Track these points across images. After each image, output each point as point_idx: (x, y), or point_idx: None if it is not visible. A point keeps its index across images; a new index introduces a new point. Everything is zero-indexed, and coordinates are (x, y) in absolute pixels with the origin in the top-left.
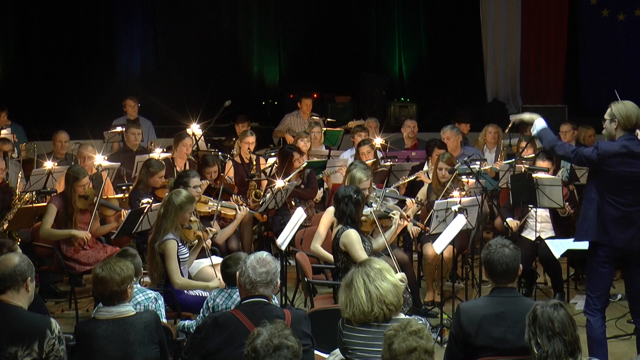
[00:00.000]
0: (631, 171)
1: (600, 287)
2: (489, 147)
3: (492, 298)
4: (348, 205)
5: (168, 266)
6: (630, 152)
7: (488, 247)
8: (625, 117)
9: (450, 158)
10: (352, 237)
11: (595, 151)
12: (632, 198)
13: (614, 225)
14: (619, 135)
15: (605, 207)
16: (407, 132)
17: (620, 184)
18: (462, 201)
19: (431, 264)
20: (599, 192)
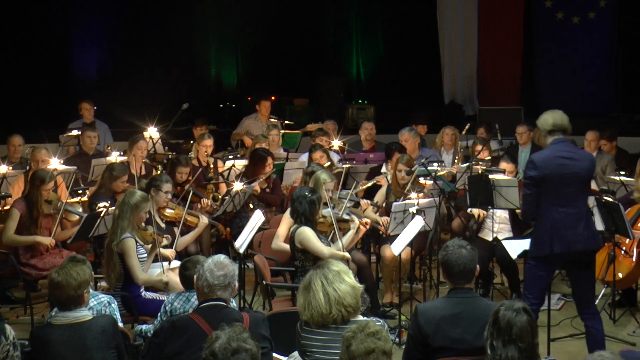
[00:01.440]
0: (569, 172)
1: (541, 289)
2: (446, 149)
3: (450, 299)
4: (302, 205)
5: (129, 263)
6: (561, 155)
7: (445, 248)
8: (543, 122)
9: (410, 160)
10: (307, 233)
11: (532, 165)
12: (573, 198)
13: (566, 230)
14: (548, 140)
15: (553, 215)
16: (365, 135)
17: (562, 187)
18: (420, 203)
19: (389, 265)
20: (545, 202)
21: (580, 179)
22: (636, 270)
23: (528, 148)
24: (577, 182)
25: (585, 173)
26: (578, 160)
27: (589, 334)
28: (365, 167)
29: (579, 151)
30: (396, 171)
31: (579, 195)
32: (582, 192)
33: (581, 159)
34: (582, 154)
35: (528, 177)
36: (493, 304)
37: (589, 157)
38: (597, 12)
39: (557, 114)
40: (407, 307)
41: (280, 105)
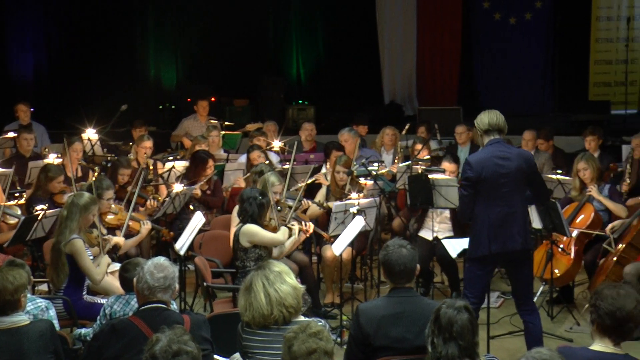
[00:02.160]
0: (504, 172)
1: (480, 288)
2: (386, 149)
3: (391, 298)
4: (252, 206)
5: (84, 265)
6: (498, 155)
7: (386, 247)
8: (480, 122)
9: (347, 161)
10: (254, 228)
11: (468, 167)
12: (509, 198)
13: (502, 229)
14: (485, 140)
15: (490, 215)
16: (305, 135)
17: (498, 187)
18: (360, 203)
19: (330, 265)
20: (481, 203)
21: (515, 178)
22: (573, 267)
23: (467, 148)
24: (513, 182)
25: (519, 171)
26: (513, 160)
27: (528, 330)
28: (306, 168)
29: (515, 150)
30: (335, 172)
31: (515, 195)
32: (518, 191)
33: (516, 158)
34: (517, 153)
35: (465, 178)
36: (433, 302)
37: (524, 155)
38: (534, 13)
39: (492, 113)
40: (349, 307)
41: (220, 106)
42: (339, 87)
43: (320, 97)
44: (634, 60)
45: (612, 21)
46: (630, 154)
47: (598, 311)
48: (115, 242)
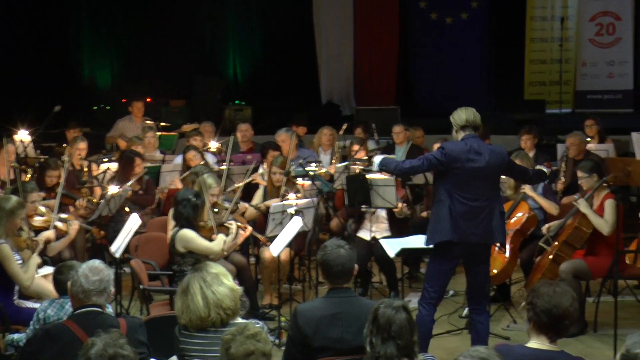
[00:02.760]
0: (476, 167)
1: (440, 283)
2: (324, 149)
3: (329, 299)
4: (186, 208)
5: (10, 271)
6: (472, 148)
7: (324, 248)
8: (457, 117)
9: (284, 161)
10: (190, 234)
11: (442, 151)
12: (478, 192)
13: (465, 222)
14: (460, 136)
15: (455, 205)
16: (241, 136)
17: (468, 179)
18: (298, 203)
19: (268, 266)
20: (448, 192)
21: (487, 173)
22: (509, 265)
23: (404, 147)
24: (484, 176)
25: (492, 167)
26: (486, 155)
27: (476, 329)
28: (243, 169)
29: (488, 147)
30: (271, 173)
31: (486, 189)
32: (488, 187)
33: (488, 154)
34: (490, 149)
35: (434, 156)
36: (372, 302)
37: (497, 150)
38: (470, 12)
39: (470, 110)
40: (287, 308)
41: (155, 106)
42: (276, 87)
43: (258, 97)
44: (568, 59)
45: (547, 21)
46: (565, 152)
47: (535, 309)
48: (45, 237)
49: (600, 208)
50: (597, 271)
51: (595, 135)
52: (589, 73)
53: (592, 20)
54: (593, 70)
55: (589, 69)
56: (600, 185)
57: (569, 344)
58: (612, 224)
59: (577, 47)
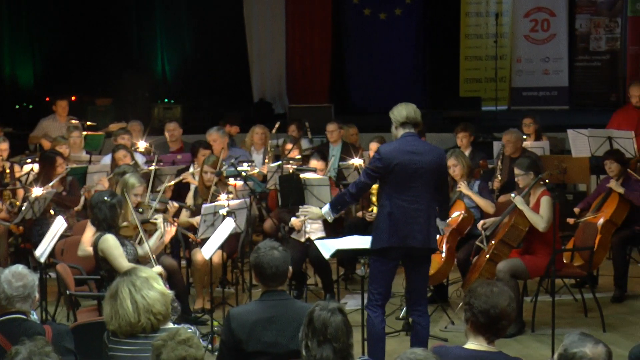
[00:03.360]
0: (415, 167)
1: (384, 284)
2: (256, 149)
3: (263, 302)
4: (102, 211)
5: None
6: (409, 149)
7: (257, 250)
8: (397, 114)
9: (215, 161)
10: (110, 243)
11: (377, 156)
12: (418, 194)
13: (405, 225)
14: (399, 133)
15: (395, 209)
16: (169, 135)
17: (406, 181)
18: (230, 204)
19: (200, 269)
20: (389, 195)
21: (426, 174)
22: (446, 265)
23: (339, 146)
24: (423, 177)
25: (431, 168)
26: (425, 155)
27: (416, 331)
28: (173, 169)
29: (428, 146)
30: (203, 172)
31: (423, 191)
32: (427, 188)
33: (429, 154)
34: (430, 149)
35: (372, 167)
36: (307, 305)
37: (437, 151)
38: (404, 8)
39: (410, 107)
40: (220, 313)
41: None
42: (206, 85)
43: (187, 95)
44: (502, 56)
45: (481, 17)
46: (501, 150)
47: (472, 309)
48: None
49: (537, 206)
50: (535, 270)
51: (532, 133)
52: (524, 70)
53: (527, 16)
54: (528, 66)
55: (524, 66)
56: (537, 183)
57: (507, 344)
58: (547, 219)
59: (512, 44)
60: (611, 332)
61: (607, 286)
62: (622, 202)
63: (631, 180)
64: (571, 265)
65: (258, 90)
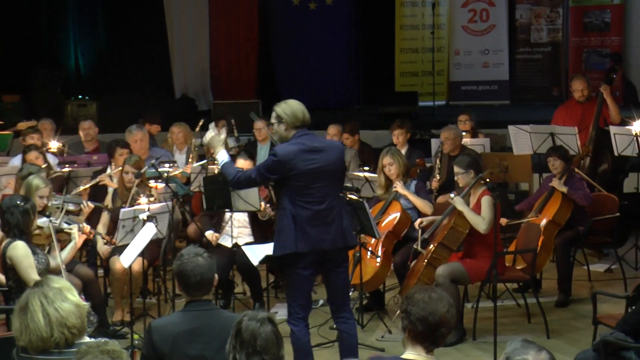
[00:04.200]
0: (314, 167)
1: (302, 295)
2: (178, 148)
3: (187, 313)
4: (14, 215)
5: None
6: (308, 148)
7: (180, 257)
8: (291, 115)
9: (138, 161)
10: (19, 252)
11: (274, 158)
12: (322, 194)
13: (313, 228)
14: (291, 134)
15: (299, 212)
16: (84, 134)
17: (307, 182)
18: (150, 208)
19: (119, 279)
20: (290, 199)
21: (329, 172)
22: (382, 271)
23: (268, 145)
24: (327, 176)
25: (334, 165)
26: (325, 152)
27: (343, 340)
28: (89, 171)
29: (326, 142)
30: (123, 173)
31: (329, 190)
32: (334, 187)
33: (328, 150)
34: (328, 145)
35: (267, 167)
36: (234, 315)
37: (337, 146)
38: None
39: (299, 105)
40: (140, 325)
41: None
42: (124, 80)
43: (103, 91)
44: (440, 48)
45: (417, 7)
46: (440, 148)
47: (409, 317)
48: None
49: (477, 206)
50: (475, 274)
51: (468, 131)
52: (462, 62)
53: (465, 6)
54: (467, 59)
55: (462, 58)
56: (477, 183)
57: (447, 353)
58: (489, 221)
59: (450, 35)
60: (555, 339)
61: (550, 290)
62: (566, 201)
63: (574, 178)
64: (513, 269)
65: (180, 86)
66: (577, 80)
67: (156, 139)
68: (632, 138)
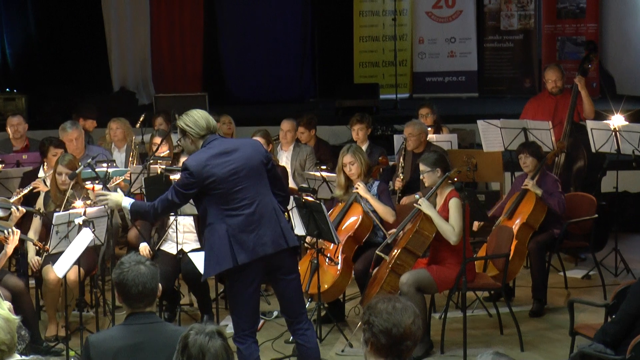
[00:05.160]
0: (232, 169)
1: (248, 309)
2: (117, 146)
3: (128, 326)
4: None
5: None
6: (219, 151)
7: (120, 265)
8: (194, 125)
9: (72, 160)
10: None
11: (187, 172)
12: (249, 196)
13: (248, 235)
14: (200, 144)
15: (229, 222)
16: (12, 132)
17: (229, 187)
18: (87, 212)
19: (53, 290)
20: (216, 210)
21: (249, 171)
22: (342, 279)
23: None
24: (247, 176)
25: (251, 162)
26: (239, 151)
27: (302, 354)
28: (18, 171)
29: (237, 141)
30: (56, 174)
31: (254, 190)
32: (258, 185)
33: (242, 148)
34: (241, 143)
35: (183, 184)
36: (180, 329)
37: (250, 142)
38: None
39: (205, 114)
40: (77, 340)
41: None
42: (56, 72)
43: (33, 84)
44: (402, 36)
45: None
46: (403, 145)
47: (372, 329)
48: None
49: (444, 208)
50: (443, 282)
51: (431, 125)
52: (427, 52)
53: None
54: (432, 48)
55: (427, 47)
56: (444, 182)
57: None
58: (459, 231)
59: (413, 22)
60: (530, 351)
61: (524, 299)
62: (540, 203)
63: (548, 178)
64: (484, 276)
65: (118, 78)
66: (550, 70)
67: (92, 136)
68: (610, 133)
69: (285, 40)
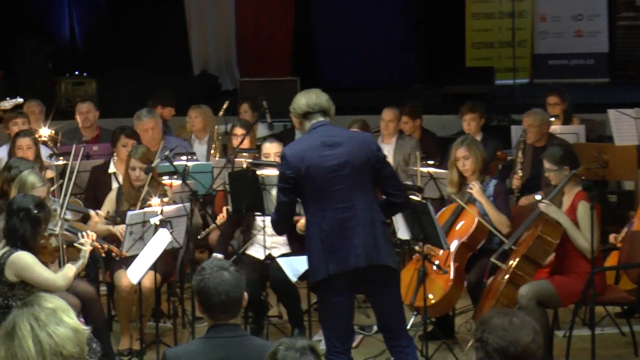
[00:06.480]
0: (333, 164)
1: (339, 324)
2: (197, 137)
3: (209, 340)
4: (23, 223)
5: None
6: (321, 142)
7: (201, 271)
8: (295, 104)
9: (147, 153)
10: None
11: (284, 161)
12: (347, 197)
13: (341, 241)
14: (307, 126)
15: (323, 225)
16: (82, 120)
17: (328, 184)
18: (164, 211)
19: (126, 298)
20: (312, 208)
21: (351, 170)
22: (454, 290)
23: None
24: (347, 175)
25: (357, 159)
26: (344, 146)
27: None
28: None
29: (346, 133)
30: (128, 169)
31: (353, 192)
32: (359, 187)
33: (348, 143)
34: (348, 136)
35: (281, 178)
36: (268, 343)
37: (360, 137)
38: None
39: (310, 93)
40: (152, 354)
41: None
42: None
43: (104, 67)
44: (521, 13)
45: None
46: (522, 137)
47: (486, 347)
48: None
49: (572, 210)
50: (568, 295)
51: (560, 115)
52: (550, 31)
53: None
54: (555, 26)
55: (549, 25)
56: (571, 180)
57: None
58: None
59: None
60: None
61: None
62: None
63: None
64: (616, 289)
65: (199, 60)
66: None
67: (170, 125)
68: None
69: (386, 18)
